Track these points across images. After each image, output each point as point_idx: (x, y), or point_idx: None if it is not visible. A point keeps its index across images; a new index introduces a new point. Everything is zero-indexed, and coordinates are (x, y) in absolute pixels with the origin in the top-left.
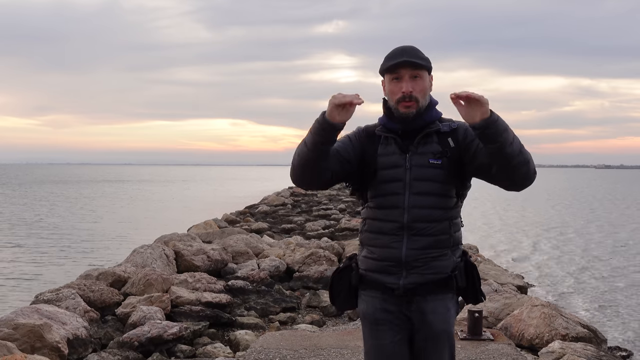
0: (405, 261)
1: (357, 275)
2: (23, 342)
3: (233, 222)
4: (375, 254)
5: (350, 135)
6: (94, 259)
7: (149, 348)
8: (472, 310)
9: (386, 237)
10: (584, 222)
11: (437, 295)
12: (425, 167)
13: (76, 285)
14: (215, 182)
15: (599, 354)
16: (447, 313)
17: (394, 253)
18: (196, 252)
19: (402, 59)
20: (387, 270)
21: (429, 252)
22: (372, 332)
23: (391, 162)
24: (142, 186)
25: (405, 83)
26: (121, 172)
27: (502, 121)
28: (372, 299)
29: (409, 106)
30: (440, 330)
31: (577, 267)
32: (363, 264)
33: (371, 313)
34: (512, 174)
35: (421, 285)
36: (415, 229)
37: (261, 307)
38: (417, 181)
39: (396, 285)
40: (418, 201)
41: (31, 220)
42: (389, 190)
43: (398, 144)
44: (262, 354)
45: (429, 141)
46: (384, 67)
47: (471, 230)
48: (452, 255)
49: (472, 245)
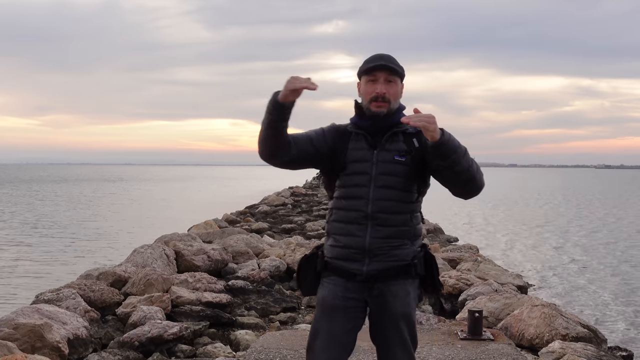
0: (369, 249)
1: (322, 261)
2: (23, 342)
3: (233, 222)
4: (341, 242)
5: (325, 128)
6: (95, 259)
7: (149, 348)
8: (472, 310)
9: (351, 226)
10: (584, 222)
11: (398, 280)
12: (390, 162)
13: (76, 285)
14: (215, 181)
15: (599, 354)
16: (408, 297)
17: (358, 241)
18: (196, 252)
19: (380, 63)
20: (351, 258)
21: (390, 241)
22: (326, 317)
23: (359, 156)
24: (142, 186)
25: (380, 85)
26: (121, 172)
27: (451, 143)
28: (333, 286)
29: (380, 106)
30: (400, 312)
31: (577, 267)
32: (329, 252)
33: (330, 299)
34: (459, 187)
35: (383, 271)
36: (379, 219)
37: (261, 307)
38: (381, 175)
39: (359, 271)
40: (382, 194)
41: (31, 220)
42: (355, 182)
43: (367, 140)
44: (262, 354)
45: (396, 140)
46: (362, 69)
47: (471, 230)
48: (412, 245)
49: (472, 245)
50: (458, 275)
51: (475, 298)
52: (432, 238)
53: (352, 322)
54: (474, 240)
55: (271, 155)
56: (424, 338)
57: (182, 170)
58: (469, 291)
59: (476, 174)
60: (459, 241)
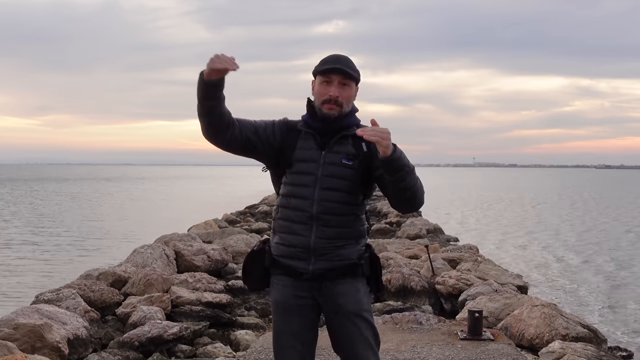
0: (314, 248)
1: (270, 257)
2: (23, 342)
3: (233, 222)
4: (286, 240)
5: (276, 121)
6: (95, 259)
7: (149, 348)
8: (472, 310)
9: (296, 225)
10: (584, 222)
11: (346, 279)
12: (337, 165)
13: (76, 285)
14: (215, 181)
15: (599, 354)
16: (358, 294)
17: (303, 240)
18: (196, 252)
19: (335, 66)
20: (296, 256)
21: (334, 241)
22: (283, 317)
23: (307, 156)
24: (142, 186)
25: (334, 88)
26: (121, 172)
27: (401, 161)
28: (283, 287)
29: (332, 108)
30: (353, 310)
31: (577, 267)
32: (275, 250)
33: (283, 300)
34: (400, 202)
35: (329, 270)
36: (323, 219)
37: (261, 307)
38: (327, 177)
39: (306, 270)
40: (326, 195)
41: (31, 220)
42: (301, 181)
43: (316, 141)
44: (262, 354)
45: (345, 143)
46: (318, 70)
47: (471, 230)
48: (356, 245)
49: (472, 245)
50: (458, 275)
51: (475, 298)
52: (432, 238)
53: (309, 318)
54: (474, 240)
55: (210, 134)
56: (424, 338)
57: (182, 170)
58: (469, 291)
59: (417, 192)
60: (459, 241)
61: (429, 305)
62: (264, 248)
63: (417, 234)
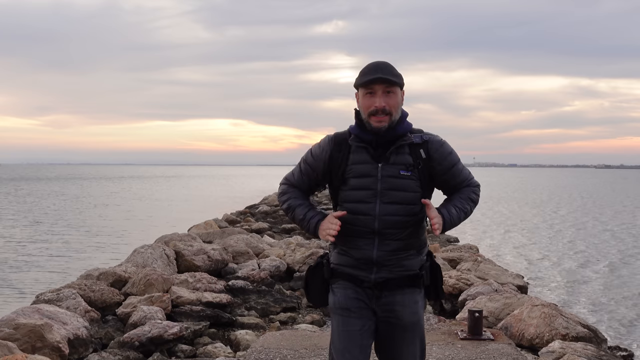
0: (377, 261)
1: (328, 269)
2: (24, 342)
3: (233, 222)
4: (348, 253)
5: (313, 151)
6: (95, 259)
7: (149, 348)
8: (473, 310)
9: (358, 240)
10: (585, 222)
11: (405, 289)
12: (397, 177)
13: (77, 285)
14: (215, 181)
15: (599, 354)
16: (416, 305)
17: (365, 254)
18: (197, 252)
19: (376, 76)
20: (359, 266)
21: (398, 254)
22: (343, 319)
23: (363, 171)
24: (142, 186)
25: (378, 98)
26: (121, 172)
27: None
28: (343, 290)
29: (381, 120)
30: (410, 322)
31: (578, 267)
32: (336, 259)
33: (343, 301)
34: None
35: (391, 280)
36: (386, 234)
37: (261, 307)
38: (388, 191)
39: (367, 278)
40: (388, 210)
41: (31, 220)
42: (359, 197)
43: (370, 153)
44: (262, 354)
45: (401, 152)
46: (359, 82)
47: (471, 230)
48: (419, 255)
49: (472, 245)
50: (458, 275)
51: (475, 298)
52: (432, 238)
53: (367, 324)
54: (474, 240)
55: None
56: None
57: (182, 170)
58: (469, 291)
59: (470, 214)
60: (459, 241)
61: (428, 305)
62: (322, 262)
63: None
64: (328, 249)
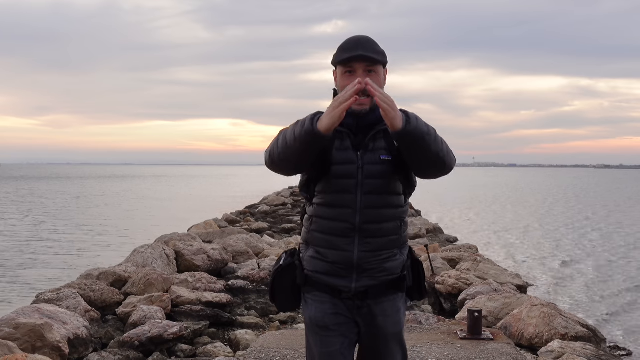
0: (357, 264)
1: (302, 274)
2: (24, 342)
3: (233, 222)
4: (325, 255)
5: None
6: (95, 259)
7: (149, 347)
8: (472, 309)
9: (337, 239)
10: (584, 221)
11: (388, 296)
12: (377, 164)
13: (77, 285)
14: (215, 181)
15: (599, 353)
16: (398, 314)
17: (345, 256)
18: (196, 252)
19: (357, 53)
20: (337, 273)
21: (380, 253)
22: (321, 339)
23: (345, 158)
24: (142, 186)
25: (359, 78)
26: (121, 172)
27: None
28: (320, 304)
29: (362, 103)
30: (391, 332)
31: (577, 267)
32: (309, 264)
33: (320, 318)
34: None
35: (373, 287)
36: (368, 230)
37: (261, 307)
38: (369, 179)
39: (347, 288)
40: (370, 201)
41: (31, 220)
42: (340, 187)
43: (351, 139)
44: (262, 354)
45: (379, 137)
46: (337, 60)
47: (471, 230)
48: (401, 255)
49: (472, 245)
50: (457, 275)
51: (475, 298)
52: (431, 238)
53: (347, 339)
54: (473, 240)
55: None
56: (424, 338)
57: (182, 170)
58: (469, 291)
59: (445, 156)
60: (459, 241)
61: (428, 304)
62: (294, 263)
63: (416, 233)
64: (298, 247)
